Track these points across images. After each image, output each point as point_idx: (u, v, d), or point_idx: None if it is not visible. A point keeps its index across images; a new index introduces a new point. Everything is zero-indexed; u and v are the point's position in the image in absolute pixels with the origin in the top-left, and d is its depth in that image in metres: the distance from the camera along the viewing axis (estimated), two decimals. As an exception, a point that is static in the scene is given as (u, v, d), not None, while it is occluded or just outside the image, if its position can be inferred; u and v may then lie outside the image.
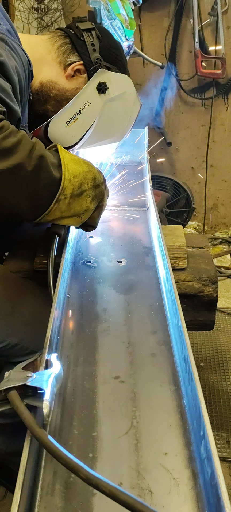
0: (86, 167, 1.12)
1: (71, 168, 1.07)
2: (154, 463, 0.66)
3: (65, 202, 1.07)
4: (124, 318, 1.00)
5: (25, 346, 1.22)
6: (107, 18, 2.21)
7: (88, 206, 1.12)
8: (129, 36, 2.31)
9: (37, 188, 1.01)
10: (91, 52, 1.42)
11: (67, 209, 1.08)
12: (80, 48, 1.42)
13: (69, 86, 1.42)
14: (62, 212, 1.08)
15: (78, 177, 1.08)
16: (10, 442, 1.39)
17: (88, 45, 1.42)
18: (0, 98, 1.02)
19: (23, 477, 0.57)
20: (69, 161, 1.08)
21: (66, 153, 1.10)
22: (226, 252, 3.48)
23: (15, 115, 1.10)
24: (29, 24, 2.99)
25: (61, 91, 1.41)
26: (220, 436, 1.91)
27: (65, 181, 1.05)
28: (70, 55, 1.41)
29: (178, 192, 3.51)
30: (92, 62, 1.42)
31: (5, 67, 1.06)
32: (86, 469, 0.54)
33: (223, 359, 2.33)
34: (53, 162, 1.05)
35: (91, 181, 1.12)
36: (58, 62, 1.41)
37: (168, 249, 1.17)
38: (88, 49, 1.42)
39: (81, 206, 1.11)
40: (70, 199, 1.07)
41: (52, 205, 1.05)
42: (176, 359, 0.86)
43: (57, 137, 1.41)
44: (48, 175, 1.02)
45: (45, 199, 1.04)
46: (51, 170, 1.03)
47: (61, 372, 0.75)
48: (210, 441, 0.60)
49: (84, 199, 1.11)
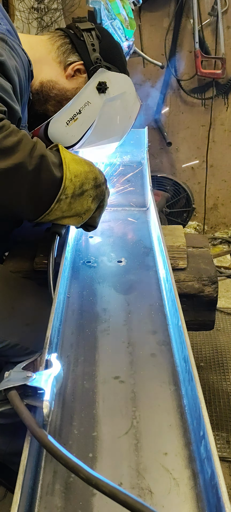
0: (87, 167, 1.12)
1: (73, 168, 1.07)
2: (154, 463, 0.66)
3: (66, 202, 1.07)
4: (124, 318, 1.00)
5: (25, 346, 1.22)
6: (107, 18, 2.21)
7: (89, 206, 1.13)
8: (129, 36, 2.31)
9: (38, 187, 1.01)
10: (91, 52, 1.42)
11: (68, 209, 1.08)
12: (80, 48, 1.42)
13: (70, 86, 1.42)
14: (63, 212, 1.08)
15: (79, 177, 1.08)
16: (10, 442, 1.39)
17: (88, 45, 1.42)
18: (1, 97, 1.02)
19: (23, 477, 0.57)
20: (70, 161, 1.08)
21: (67, 153, 1.10)
22: (226, 252, 3.48)
23: (15, 114, 1.10)
24: (29, 24, 2.99)
25: (61, 91, 1.41)
26: (220, 436, 1.91)
27: (67, 180, 1.05)
28: (70, 55, 1.42)
29: (178, 192, 3.51)
30: (92, 62, 1.42)
31: (5, 67, 1.06)
32: (86, 469, 0.54)
33: (223, 359, 2.33)
34: (54, 161, 1.05)
35: (93, 181, 1.12)
36: (58, 62, 1.41)
37: (168, 249, 1.17)
38: (88, 49, 1.42)
39: (83, 206, 1.11)
40: (72, 198, 1.07)
41: (53, 205, 1.05)
42: (176, 359, 0.86)
43: (57, 137, 1.41)
44: (49, 174, 1.02)
45: (46, 199, 1.04)
46: (52, 169, 1.02)
47: (61, 372, 0.75)
48: (210, 441, 0.60)
49: (85, 199, 1.11)
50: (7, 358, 1.25)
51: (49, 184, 1.03)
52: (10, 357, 1.24)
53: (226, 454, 1.83)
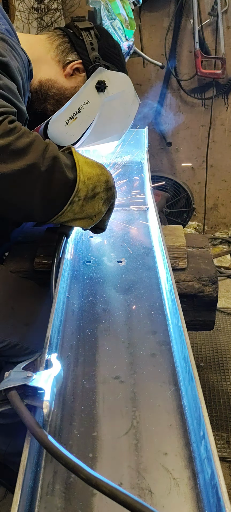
0: (99, 170, 1.11)
1: (86, 170, 1.07)
2: (154, 463, 0.66)
3: (78, 204, 1.07)
4: (124, 318, 1.00)
5: (25, 346, 1.22)
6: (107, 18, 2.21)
7: (100, 208, 1.13)
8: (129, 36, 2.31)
9: (51, 188, 1.01)
10: (90, 51, 1.42)
11: (80, 211, 1.08)
12: (79, 47, 1.42)
13: (69, 85, 1.41)
14: (75, 214, 1.08)
15: (92, 180, 1.08)
16: (10, 442, 1.39)
17: (87, 44, 1.42)
18: (9, 99, 1.02)
19: (23, 477, 0.57)
20: (83, 163, 1.08)
21: (80, 156, 1.10)
22: (226, 252, 3.48)
23: (23, 115, 1.10)
24: (29, 24, 2.99)
25: (60, 90, 1.40)
26: (220, 436, 1.91)
27: (80, 183, 1.05)
28: (69, 54, 1.41)
29: (178, 192, 3.52)
30: (91, 61, 1.41)
31: (9, 68, 1.06)
32: (86, 469, 0.54)
33: (223, 359, 2.33)
34: (67, 163, 1.05)
35: (104, 183, 1.12)
36: (57, 61, 1.40)
37: (168, 249, 1.17)
38: (87, 48, 1.42)
39: (94, 208, 1.11)
40: (84, 201, 1.07)
41: (66, 207, 1.05)
42: (176, 359, 0.86)
43: (56, 136, 1.40)
44: (62, 176, 1.02)
45: (59, 200, 1.04)
46: (65, 171, 1.02)
47: (61, 372, 0.75)
48: (210, 441, 0.60)
49: (97, 201, 1.11)
50: (7, 358, 1.25)
51: (62, 185, 1.02)
52: (10, 357, 1.24)
53: (226, 454, 1.83)
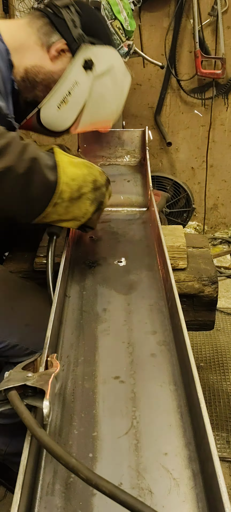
0: (86, 170, 1.10)
1: (70, 171, 1.05)
2: (154, 463, 0.66)
3: (62, 206, 1.05)
4: (124, 318, 1.00)
5: (25, 346, 1.22)
6: (107, 18, 2.21)
7: (87, 209, 1.11)
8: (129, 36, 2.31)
9: (30, 191, 0.99)
10: (72, 28, 1.32)
11: (65, 213, 1.07)
12: (60, 26, 1.32)
13: (56, 68, 1.32)
14: (60, 215, 1.07)
15: (77, 180, 1.06)
16: (10, 442, 1.39)
17: (69, 22, 1.32)
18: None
19: (23, 477, 0.57)
20: (67, 163, 1.06)
21: (64, 156, 1.07)
22: (226, 252, 3.48)
23: (1, 112, 1.07)
24: (29, 24, 2.98)
25: (47, 75, 1.32)
26: (220, 436, 1.91)
27: (62, 184, 1.03)
28: (51, 35, 1.32)
29: (178, 192, 3.52)
30: (75, 39, 1.32)
31: None
32: (86, 469, 0.54)
33: (223, 359, 2.33)
34: (48, 164, 1.02)
35: (91, 183, 1.10)
36: (40, 45, 1.31)
37: (168, 249, 1.17)
38: (69, 26, 1.32)
39: (80, 209, 1.09)
40: (69, 202, 1.06)
41: (49, 208, 1.03)
42: (176, 359, 0.86)
43: (51, 122, 1.35)
44: (41, 177, 0.99)
45: (39, 202, 1.02)
46: (45, 172, 1.00)
47: (61, 372, 0.75)
48: (210, 441, 0.60)
49: (83, 202, 1.09)
50: (7, 358, 1.25)
51: (42, 187, 1.00)
52: (10, 357, 1.24)
53: (226, 454, 1.83)
